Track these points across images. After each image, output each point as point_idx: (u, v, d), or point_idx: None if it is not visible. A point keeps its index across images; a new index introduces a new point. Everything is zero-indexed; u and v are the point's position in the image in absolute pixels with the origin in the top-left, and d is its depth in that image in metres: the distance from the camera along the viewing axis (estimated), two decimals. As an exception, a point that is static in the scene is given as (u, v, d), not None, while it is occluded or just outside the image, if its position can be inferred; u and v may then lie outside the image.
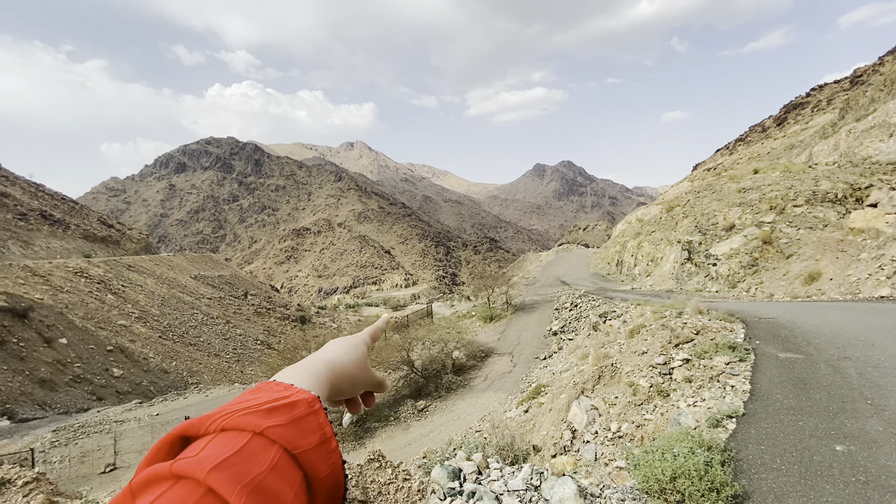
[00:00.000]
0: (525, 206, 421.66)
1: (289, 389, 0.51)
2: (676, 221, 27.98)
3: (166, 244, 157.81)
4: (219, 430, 0.42)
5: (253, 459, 0.40)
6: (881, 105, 28.79)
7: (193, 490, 0.35)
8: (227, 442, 0.41)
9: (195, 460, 0.38)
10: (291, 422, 0.46)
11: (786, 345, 7.02)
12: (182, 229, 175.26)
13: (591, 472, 5.48)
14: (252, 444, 0.41)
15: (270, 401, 0.47)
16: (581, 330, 17.00)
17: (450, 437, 11.62)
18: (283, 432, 0.44)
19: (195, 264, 46.02)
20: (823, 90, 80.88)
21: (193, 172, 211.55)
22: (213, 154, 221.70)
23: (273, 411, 0.46)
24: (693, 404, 5.53)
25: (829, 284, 14.86)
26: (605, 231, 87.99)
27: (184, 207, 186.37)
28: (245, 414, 0.44)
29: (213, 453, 0.39)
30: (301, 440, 0.45)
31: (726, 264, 19.82)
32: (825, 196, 20.55)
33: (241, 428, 0.42)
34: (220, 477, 0.36)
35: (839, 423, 4.28)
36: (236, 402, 0.47)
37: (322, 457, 0.46)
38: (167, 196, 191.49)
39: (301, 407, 0.48)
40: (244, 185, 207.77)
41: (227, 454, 0.39)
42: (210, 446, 0.40)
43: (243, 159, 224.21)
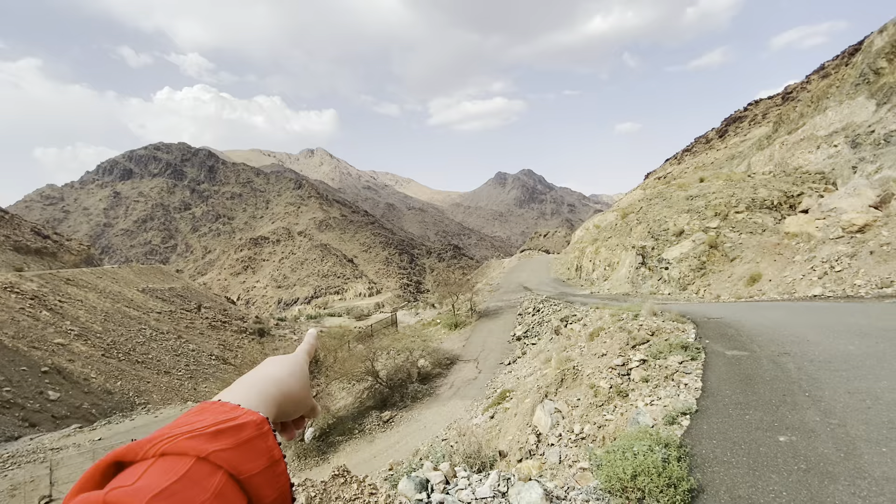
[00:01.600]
0: (488, 214, 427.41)
1: (236, 410, 0.48)
2: (631, 228, 29.22)
3: (110, 256, 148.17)
4: (158, 454, 0.39)
5: (195, 487, 0.37)
6: (809, 119, 31.42)
7: None
8: (168, 468, 0.37)
9: (131, 489, 0.34)
10: (238, 445, 0.43)
11: (732, 343, 7.46)
12: (128, 239, 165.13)
13: (557, 474, 5.58)
14: (195, 471, 0.38)
15: (217, 423, 0.44)
16: (544, 334, 17.35)
17: (416, 447, 11.50)
18: (228, 457, 0.41)
19: (143, 276, 43.42)
20: (759, 105, 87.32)
21: (141, 179, 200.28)
22: (162, 160, 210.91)
23: (219, 434, 0.43)
24: (650, 403, 5.76)
25: (768, 285, 15.93)
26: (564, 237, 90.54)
27: (130, 216, 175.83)
28: (188, 438, 0.41)
29: (151, 482, 0.36)
30: (248, 464, 0.42)
31: (677, 268, 20.87)
32: (763, 203, 22.11)
33: (184, 452, 0.39)
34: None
35: (781, 415, 4.59)
36: (178, 425, 0.44)
37: (269, 481, 0.44)
38: (111, 204, 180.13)
39: (249, 429, 0.45)
40: (197, 193, 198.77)
41: (167, 482, 0.36)
42: (148, 473, 0.37)
43: (196, 166, 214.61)
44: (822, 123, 28.68)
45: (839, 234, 15.26)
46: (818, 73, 69.35)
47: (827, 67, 67.75)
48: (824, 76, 61.79)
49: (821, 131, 28.19)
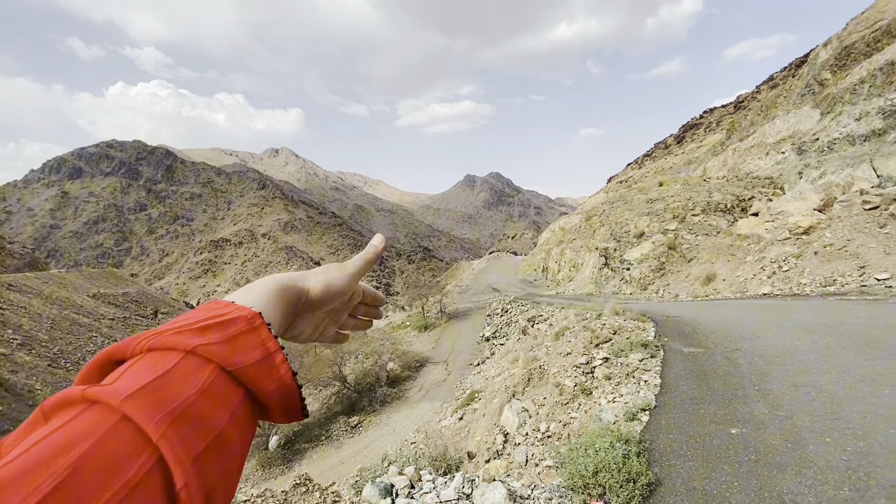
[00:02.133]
0: (457, 216, 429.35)
1: (228, 307, 0.45)
2: (594, 230, 30.02)
3: (58, 259, 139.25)
4: (145, 350, 0.39)
5: (182, 382, 0.36)
6: (759, 127, 33.27)
7: (107, 417, 0.32)
8: (153, 364, 0.37)
9: (111, 386, 0.34)
10: (227, 339, 0.42)
11: (689, 340, 7.76)
12: (77, 242, 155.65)
13: (523, 473, 5.62)
14: (182, 365, 0.38)
15: (206, 318, 0.43)
16: (512, 335, 17.54)
17: (385, 451, 11.36)
18: (217, 350, 0.40)
19: (94, 281, 41.06)
20: (713, 113, 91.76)
21: (92, 178, 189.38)
22: (115, 158, 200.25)
23: (206, 329, 0.41)
24: (612, 400, 5.90)
25: (722, 284, 16.71)
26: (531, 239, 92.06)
27: (80, 218, 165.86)
28: (175, 333, 0.40)
29: (133, 379, 0.35)
30: (239, 357, 0.41)
31: (638, 268, 21.58)
32: (717, 206, 23.19)
33: (171, 347, 0.39)
34: (139, 404, 0.33)
35: (733, 408, 4.79)
36: (171, 322, 0.43)
37: (266, 371, 0.42)
38: (59, 205, 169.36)
39: (239, 324, 0.43)
40: (153, 193, 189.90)
41: (150, 377, 0.35)
42: (132, 370, 0.36)
43: (152, 165, 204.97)
44: (771, 131, 30.44)
45: (786, 235, 16.18)
46: (767, 84, 73.63)
47: (776, 78, 72.04)
48: (773, 86, 65.69)
49: (770, 139, 29.90)
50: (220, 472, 0.36)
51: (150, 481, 0.31)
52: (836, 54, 27.23)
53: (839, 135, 20.16)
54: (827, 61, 28.07)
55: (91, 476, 0.28)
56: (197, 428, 0.35)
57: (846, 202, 15.48)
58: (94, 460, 0.29)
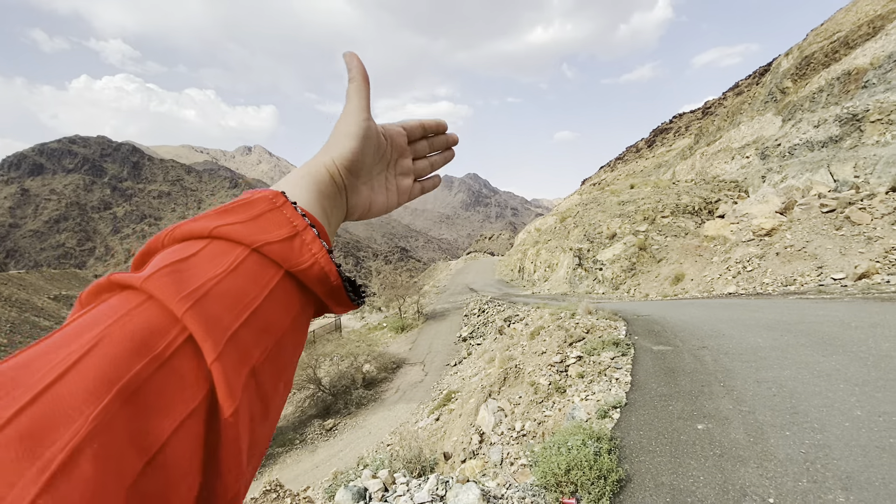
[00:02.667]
0: (435, 216, 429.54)
1: (249, 193, 0.43)
2: (568, 231, 30.53)
3: (17, 260, 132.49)
4: (172, 241, 0.38)
5: (209, 262, 0.36)
6: (725, 133, 34.52)
7: (131, 297, 0.32)
8: (179, 250, 0.36)
9: (138, 272, 0.34)
10: (250, 219, 0.40)
11: (658, 339, 7.96)
12: (38, 242, 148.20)
13: (498, 473, 5.64)
14: (209, 249, 0.37)
15: (226, 205, 0.41)
16: (488, 334, 17.63)
17: (360, 454, 11.23)
18: (240, 229, 0.39)
19: (55, 283, 39.23)
20: (682, 118, 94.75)
21: (53, 175, 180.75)
22: (78, 154, 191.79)
23: (227, 212, 0.40)
24: (585, 398, 5.99)
25: (690, 284, 17.25)
26: (508, 240, 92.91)
27: (40, 216, 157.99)
28: (197, 219, 0.39)
29: (158, 263, 0.35)
30: (264, 234, 0.39)
31: (610, 269, 22.05)
32: (685, 208, 23.93)
33: (196, 234, 0.38)
34: (162, 283, 0.32)
35: (700, 404, 4.94)
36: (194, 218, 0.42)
37: (297, 250, 0.40)
38: (18, 203, 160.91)
39: (261, 204, 0.41)
40: (119, 191, 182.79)
41: (174, 259, 0.35)
42: (159, 257, 0.36)
43: (118, 161, 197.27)
44: (737, 137, 31.63)
45: (750, 237, 16.83)
46: (733, 91, 76.53)
47: (741, 85, 74.94)
48: (738, 93, 68.30)
49: (735, 144, 31.07)
50: (262, 352, 0.35)
51: (180, 357, 0.30)
52: (797, 64, 28.53)
53: (799, 141, 21.11)
54: (788, 70, 29.37)
55: (118, 347, 0.28)
56: (227, 305, 0.34)
57: (805, 205, 16.22)
58: (119, 333, 0.29)
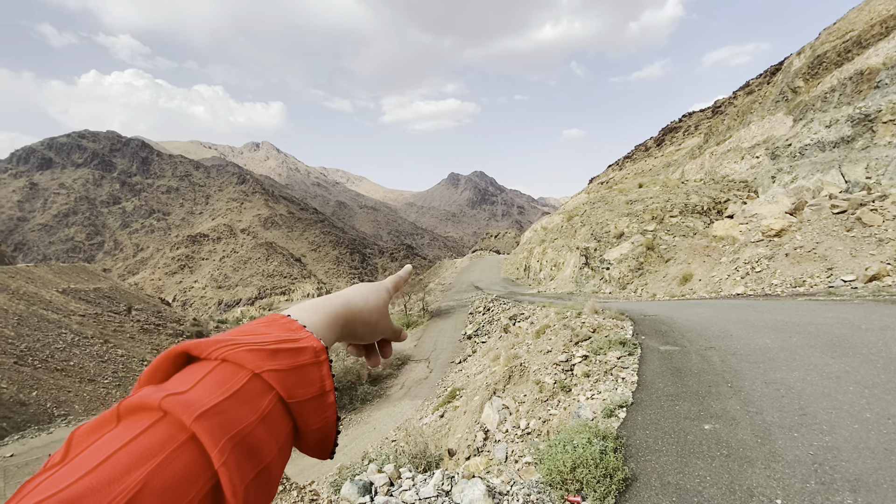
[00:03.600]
0: (441, 214, 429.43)
1: (299, 332, 0.46)
2: (575, 230, 30.40)
3: (25, 253, 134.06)
4: (220, 359, 0.40)
5: (246, 406, 0.37)
6: (735, 132, 34.17)
7: (176, 434, 0.33)
8: (224, 380, 0.38)
9: (185, 400, 0.35)
10: (293, 368, 0.42)
11: (665, 339, 7.92)
12: (47, 235, 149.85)
13: (503, 470, 5.66)
14: (248, 388, 0.39)
15: (279, 341, 0.43)
16: (493, 332, 17.64)
17: (365, 449, 11.29)
18: (282, 378, 0.41)
19: (63, 276, 39.65)
20: (692, 117, 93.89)
21: (62, 170, 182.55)
22: (88, 149, 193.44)
23: (278, 353, 0.42)
24: (591, 397, 5.99)
25: (698, 284, 17.13)
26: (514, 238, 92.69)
27: (49, 210, 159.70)
28: (249, 350, 0.41)
29: (205, 394, 0.36)
30: (299, 390, 0.42)
31: (617, 268, 21.95)
32: (694, 208, 23.75)
33: (242, 364, 0.40)
34: (208, 425, 0.34)
35: (707, 405, 4.91)
36: (244, 332, 0.44)
37: (317, 410, 0.44)
38: (27, 196, 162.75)
39: (307, 354, 0.44)
40: (128, 186, 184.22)
41: (220, 397, 0.36)
42: (203, 383, 0.37)
43: (127, 156, 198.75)
44: (747, 136, 31.30)
45: (759, 237, 16.68)
46: (744, 90, 75.71)
47: (751, 85, 74.12)
48: (749, 93, 67.58)
49: (745, 143, 30.75)
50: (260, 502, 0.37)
51: None
52: (809, 63, 28.16)
53: (810, 141, 20.86)
54: (800, 69, 29.00)
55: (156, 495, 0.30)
56: (251, 456, 0.36)
57: (816, 206, 16.04)
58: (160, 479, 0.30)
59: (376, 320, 0.66)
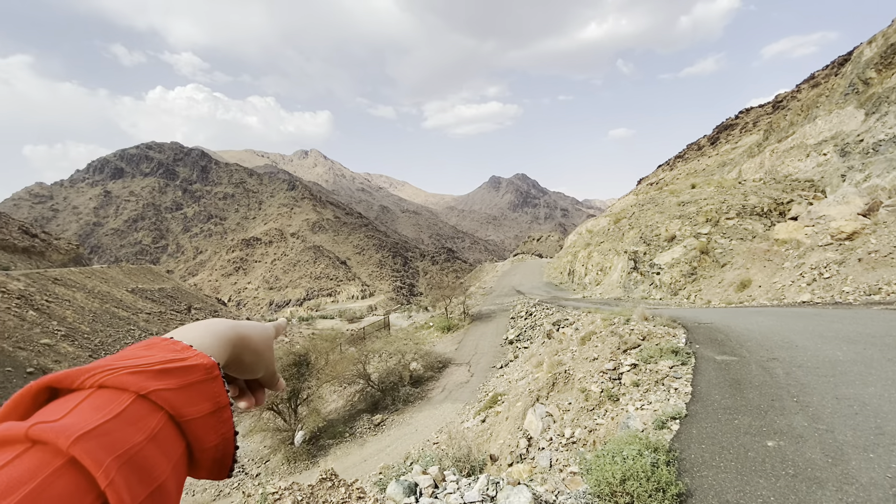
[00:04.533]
0: (481, 217, 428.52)
1: (186, 351, 0.45)
2: (623, 233, 29.40)
3: (100, 255, 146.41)
4: (96, 386, 0.36)
5: (131, 427, 0.35)
6: (799, 128, 31.88)
7: (50, 459, 0.29)
8: (104, 404, 0.35)
9: (58, 425, 0.31)
10: (183, 387, 0.41)
11: (722, 348, 7.50)
12: (118, 239, 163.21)
13: (547, 478, 5.56)
14: (133, 409, 0.36)
15: (164, 361, 0.41)
16: (536, 338, 17.37)
17: (407, 450, 11.44)
18: (171, 397, 0.39)
19: (132, 277, 42.98)
20: (750, 113, 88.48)
21: (132, 178, 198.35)
22: (154, 159, 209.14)
23: (164, 373, 0.40)
24: (641, 407, 5.77)
25: (758, 291, 16.08)
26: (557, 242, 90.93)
27: (120, 216, 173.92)
28: (131, 373, 0.38)
29: (81, 418, 0.33)
30: (191, 407, 0.41)
31: (669, 273, 21.01)
32: (753, 210, 22.35)
33: (124, 388, 0.37)
34: (88, 447, 0.31)
35: (770, 420, 4.61)
36: (123, 357, 0.41)
37: (213, 426, 0.43)
38: (102, 203, 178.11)
39: (198, 372, 0.43)
40: (189, 193, 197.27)
41: (100, 420, 0.33)
42: (80, 408, 0.34)
43: (188, 165, 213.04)
44: (812, 132, 29.10)
45: (828, 241, 15.45)
46: (808, 83, 70.44)
47: (817, 77, 68.88)
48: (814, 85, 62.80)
49: (810, 140, 28.60)
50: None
51: None
52: (882, 52, 25.83)
53: (885, 136, 19.10)
54: (872, 59, 26.67)
55: None
56: (141, 477, 0.33)
57: (892, 207, 14.67)
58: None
59: (263, 350, 0.63)
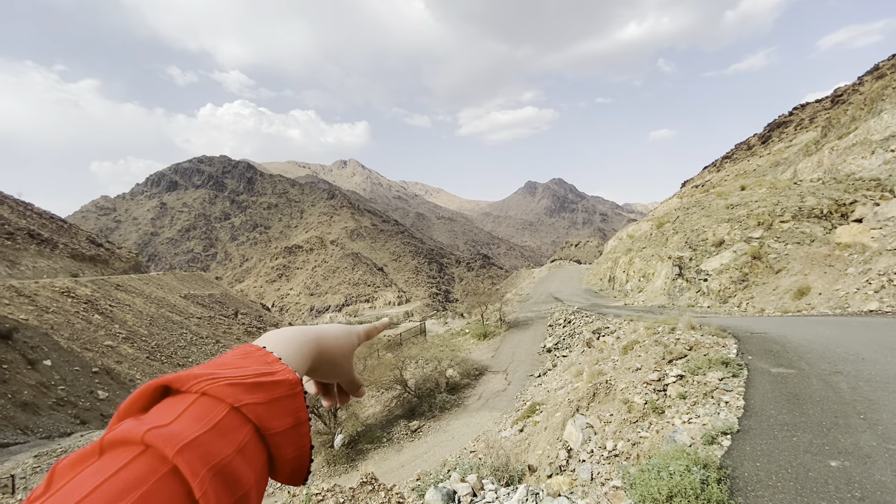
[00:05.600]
0: (517, 223, 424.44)
1: (275, 365, 0.49)
2: (667, 237, 28.29)
3: (156, 263, 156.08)
4: (200, 392, 0.41)
5: (224, 438, 0.39)
6: (862, 123, 29.65)
7: (158, 466, 0.34)
8: (204, 413, 0.39)
9: (167, 433, 0.36)
10: (270, 401, 0.45)
11: (778, 360, 7.05)
12: (172, 248, 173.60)
13: (588, 492, 5.39)
14: (226, 421, 0.40)
15: (256, 374, 0.46)
16: (575, 346, 16.95)
17: (444, 458, 11.41)
18: (259, 411, 0.43)
19: (185, 283, 45.49)
20: (805, 109, 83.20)
21: (185, 191, 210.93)
22: (205, 172, 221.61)
23: (256, 387, 0.45)
24: (688, 421, 5.50)
25: (818, 299, 15.02)
26: (596, 247, 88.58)
27: (175, 226, 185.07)
28: (229, 384, 0.43)
29: (186, 426, 0.37)
30: (275, 421, 0.44)
31: (717, 279, 20.00)
32: (811, 212, 20.94)
33: (221, 398, 0.41)
34: (189, 457, 0.35)
35: (833, 438, 4.28)
36: (223, 365, 0.47)
37: (292, 439, 0.46)
38: (158, 214, 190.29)
39: (283, 388, 0.47)
40: (236, 204, 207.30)
41: (200, 430, 0.38)
42: (184, 416, 0.39)
43: (235, 177, 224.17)
44: (877, 127, 26.97)
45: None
46: (872, 74, 65.47)
47: (882, 67, 63.93)
48: (879, 77, 58.24)
49: (875, 135, 26.52)
50: None
51: None
52: (962, 37, 23.66)
53: (967, 129, 17.42)
54: (949, 45, 24.47)
55: None
56: (229, 487, 0.37)
57: (977, 206, 13.34)
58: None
59: (340, 362, 0.68)
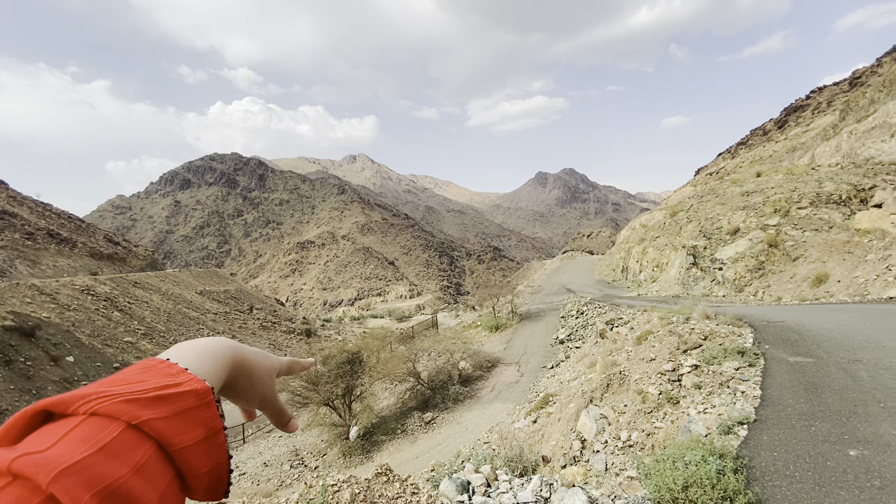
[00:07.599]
0: (528, 215, 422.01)
1: (181, 376, 0.45)
2: (680, 226, 27.91)
3: (172, 260, 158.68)
4: (88, 413, 0.36)
5: (116, 459, 0.34)
6: (881, 106, 28.78)
7: (29, 497, 0.29)
8: (92, 434, 0.35)
9: (42, 458, 0.31)
10: (175, 414, 0.41)
11: (795, 349, 6.95)
12: (187, 245, 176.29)
13: (602, 482, 5.41)
14: (121, 440, 0.36)
15: (158, 388, 0.41)
16: (588, 338, 16.90)
17: (458, 449, 11.51)
18: (161, 426, 0.39)
19: (200, 279, 46.22)
20: (823, 92, 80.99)
21: (198, 188, 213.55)
22: (217, 170, 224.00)
23: (157, 401, 0.40)
24: (703, 411, 5.47)
25: (836, 286, 14.72)
26: (608, 238, 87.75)
27: (189, 223, 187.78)
28: (124, 401, 0.38)
29: (66, 450, 0.33)
30: (183, 435, 0.41)
31: (732, 268, 19.71)
32: (829, 198, 20.47)
33: (115, 416, 0.37)
34: (68, 483, 0.30)
35: (852, 427, 4.22)
36: (118, 382, 0.41)
37: (205, 452, 0.43)
38: (172, 212, 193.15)
39: (190, 398, 0.43)
40: (248, 200, 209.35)
41: (85, 453, 0.33)
42: (67, 439, 0.34)
43: (247, 174, 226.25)
44: (899, 109, 26.15)
45: (920, 229, 13.87)
46: (891, 56, 63.34)
47: (903, 48, 61.81)
48: (900, 57, 56.32)
49: (895, 118, 25.75)
50: None
51: None
52: None
53: None
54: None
55: None
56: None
57: None
58: None
59: (261, 379, 0.63)
